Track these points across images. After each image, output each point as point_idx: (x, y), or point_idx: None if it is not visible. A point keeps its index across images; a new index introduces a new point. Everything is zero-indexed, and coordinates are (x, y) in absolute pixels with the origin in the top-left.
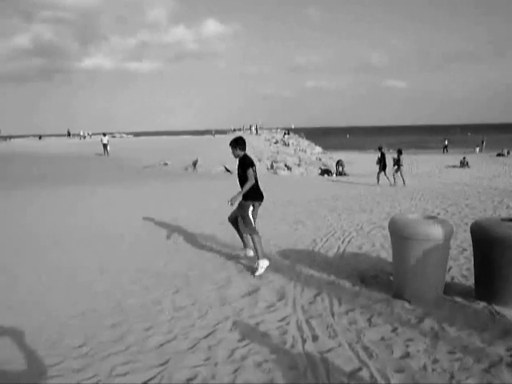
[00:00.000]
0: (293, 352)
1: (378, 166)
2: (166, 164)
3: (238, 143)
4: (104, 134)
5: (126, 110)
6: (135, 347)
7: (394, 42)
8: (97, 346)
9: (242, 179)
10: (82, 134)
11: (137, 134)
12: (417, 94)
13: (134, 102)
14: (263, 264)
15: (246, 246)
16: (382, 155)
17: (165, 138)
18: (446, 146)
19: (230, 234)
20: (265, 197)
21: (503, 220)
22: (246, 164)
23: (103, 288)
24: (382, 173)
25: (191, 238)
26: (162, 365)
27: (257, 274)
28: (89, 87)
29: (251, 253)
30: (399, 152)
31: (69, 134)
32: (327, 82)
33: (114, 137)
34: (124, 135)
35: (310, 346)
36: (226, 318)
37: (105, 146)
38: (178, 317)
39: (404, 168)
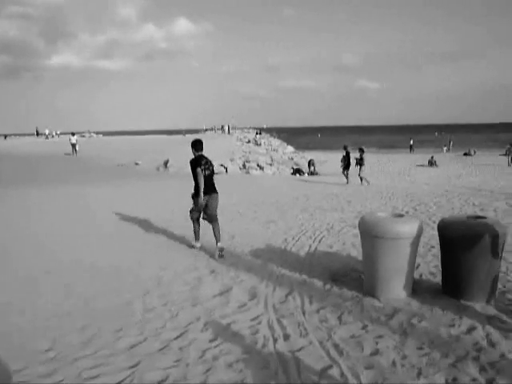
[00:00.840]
0: (264, 351)
1: (342, 165)
2: (137, 164)
3: (192, 145)
4: (73, 134)
5: (95, 109)
6: (105, 350)
7: (368, 43)
8: (65, 349)
9: (193, 178)
10: (47, 133)
11: (107, 134)
12: (389, 94)
13: (103, 101)
14: (196, 244)
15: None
16: (347, 154)
17: (136, 137)
18: (411, 146)
19: (201, 233)
20: (218, 192)
21: (469, 218)
22: (191, 165)
23: (73, 289)
24: (346, 171)
25: (162, 238)
26: (132, 367)
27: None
28: (57, 85)
29: (198, 245)
30: (361, 151)
31: (37, 134)
32: (301, 82)
33: (83, 136)
34: (94, 135)
35: (281, 345)
36: (198, 318)
37: (73, 145)
38: (149, 318)
39: (365, 167)
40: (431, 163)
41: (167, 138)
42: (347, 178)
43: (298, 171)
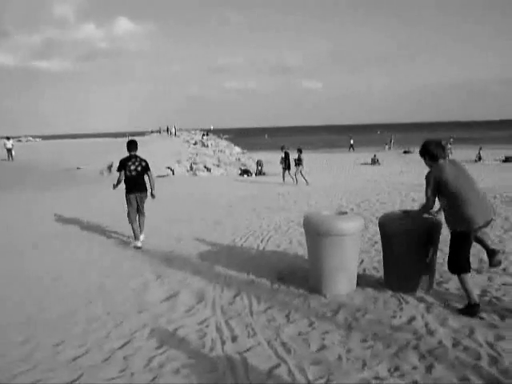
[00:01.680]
0: (212, 355)
1: (282, 166)
2: (79, 168)
3: (126, 146)
4: (7, 138)
5: (33, 112)
6: (45, 364)
7: (313, 44)
8: (3, 365)
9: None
10: None
11: (47, 138)
12: (333, 94)
13: (42, 103)
14: (136, 243)
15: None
16: (286, 154)
17: (78, 141)
18: (351, 145)
19: (147, 238)
20: (146, 190)
21: (405, 213)
22: (118, 164)
23: (10, 301)
24: (287, 172)
25: (105, 244)
26: (74, 381)
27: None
28: None
29: (139, 244)
30: (299, 151)
31: None
32: (247, 83)
33: (19, 141)
34: (31, 139)
35: (229, 347)
36: (144, 325)
37: (9, 150)
38: (93, 328)
39: (303, 167)
40: (374, 161)
41: (111, 141)
42: (284, 177)
43: (245, 172)
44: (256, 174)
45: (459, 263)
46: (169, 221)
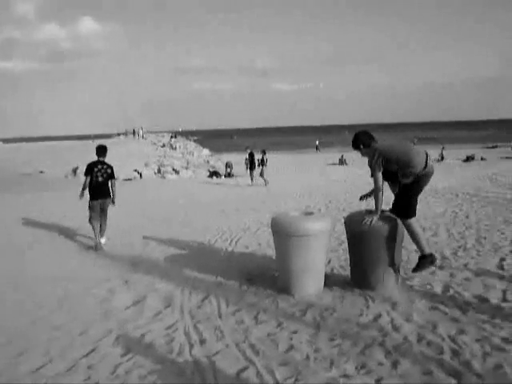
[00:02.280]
0: (180, 359)
1: (247, 166)
2: (42, 172)
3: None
4: None
5: None
6: (6, 376)
7: (279, 46)
8: None
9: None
10: None
11: (9, 141)
12: (302, 96)
13: (4, 104)
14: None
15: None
16: (250, 155)
17: (43, 143)
18: (317, 146)
19: (110, 244)
20: (105, 197)
21: (367, 211)
22: (85, 169)
23: None
24: (254, 172)
25: (71, 249)
26: None
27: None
28: None
29: (102, 241)
30: (263, 152)
31: None
32: (215, 85)
33: None
34: None
35: (197, 351)
36: (109, 332)
37: None
38: (56, 336)
39: (266, 168)
40: (341, 162)
41: (76, 144)
42: (252, 178)
43: (214, 174)
44: (225, 176)
45: (411, 208)
46: (136, 225)
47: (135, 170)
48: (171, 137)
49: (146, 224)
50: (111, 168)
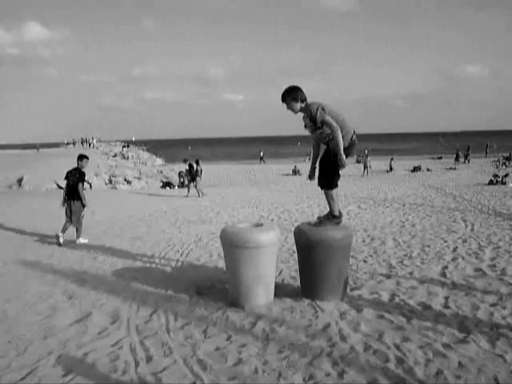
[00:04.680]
0: (124, 378)
1: (187, 178)
2: None
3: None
4: None
5: None
6: None
7: (232, 56)
8: None
9: None
10: None
11: None
12: (253, 106)
13: None
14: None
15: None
16: (190, 166)
17: None
18: (261, 158)
19: (56, 256)
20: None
21: (316, 223)
22: None
23: None
24: (192, 184)
25: (10, 263)
26: None
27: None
28: None
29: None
30: (197, 163)
31: None
32: (168, 94)
33: None
34: None
35: (143, 369)
36: (50, 352)
37: None
38: None
39: (201, 179)
40: (295, 172)
41: (20, 153)
42: (189, 190)
43: (167, 184)
44: (178, 187)
45: (335, 179)
46: (83, 238)
47: (56, 183)
48: (123, 146)
49: (93, 237)
50: (80, 173)
